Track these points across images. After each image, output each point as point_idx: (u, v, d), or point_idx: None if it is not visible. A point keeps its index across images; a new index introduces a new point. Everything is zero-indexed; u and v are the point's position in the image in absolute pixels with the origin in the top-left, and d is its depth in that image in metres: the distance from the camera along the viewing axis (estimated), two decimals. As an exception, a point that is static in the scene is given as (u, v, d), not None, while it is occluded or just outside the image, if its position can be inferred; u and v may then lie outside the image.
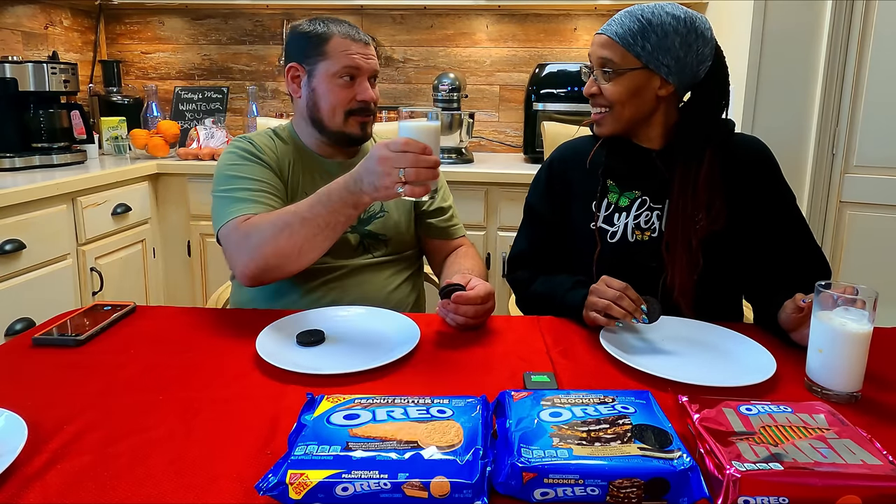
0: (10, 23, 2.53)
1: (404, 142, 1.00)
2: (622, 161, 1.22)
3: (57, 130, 2.34)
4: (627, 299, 1.02)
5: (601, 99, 1.17)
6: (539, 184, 1.33)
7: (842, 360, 0.84)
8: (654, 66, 1.12)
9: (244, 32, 3.03)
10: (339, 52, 1.27)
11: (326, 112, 1.29)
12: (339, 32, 1.28)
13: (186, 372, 0.91)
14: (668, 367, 0.91)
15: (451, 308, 1.07)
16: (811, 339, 0.88)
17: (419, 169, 1.00)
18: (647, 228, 1.19)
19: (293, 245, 1.12)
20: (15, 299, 1.77)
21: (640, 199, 1.20)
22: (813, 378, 0.87)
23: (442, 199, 1.45)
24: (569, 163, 1.29)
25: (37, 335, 1.01)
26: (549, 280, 1.23)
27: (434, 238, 1.44)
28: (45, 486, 0.64)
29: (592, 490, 0.60)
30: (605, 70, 1.15)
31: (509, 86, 2.96)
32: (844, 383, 0.84)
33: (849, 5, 2.00)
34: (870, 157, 2.05)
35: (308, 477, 0.60)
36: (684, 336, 1.05)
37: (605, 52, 1.14)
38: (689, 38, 1.11)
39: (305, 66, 1.30)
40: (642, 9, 1.13)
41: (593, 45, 1.17)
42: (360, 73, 1.28)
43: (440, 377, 0.91)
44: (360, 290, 1.30)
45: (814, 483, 0.59)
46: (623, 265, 1.18)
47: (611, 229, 1.21)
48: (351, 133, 1.32)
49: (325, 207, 1.11)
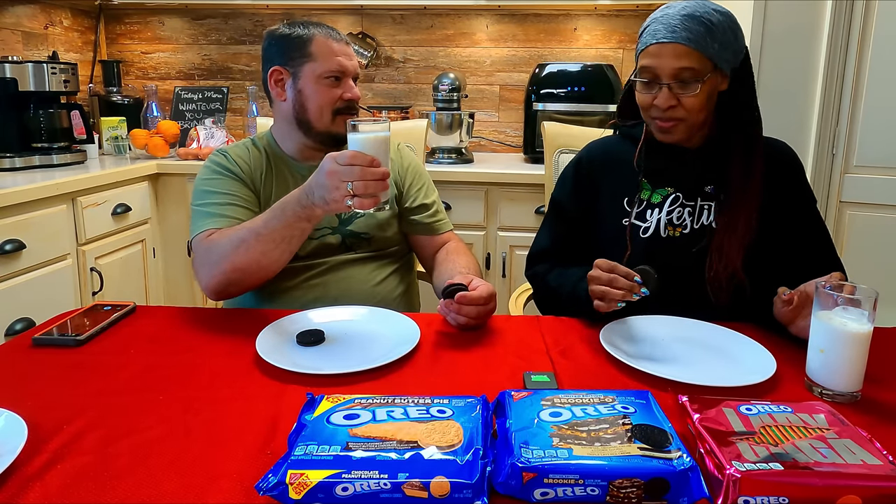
0: (10, 23, 2.53)
1: (351, 154, 1.01)
2: (656, 158, 1.22)
3: (57, 130, 2.34)
4: (620, 279, 1.01)
5: (678, 111, 1.12)
6: (566, 181, 1.32)
7: (842, 360, 0.84)
8: (720, 65, 1.11)
9: (244, 32, 3.03)
10: (323, 53, 1.29)
11: (314, 112, 1.31)
12: (321, 34, 1.31)
13: (186, 372, 0.91)
14: (668, 367, 0.91)
15: (454, 308, 1.07)
16: (811, 340, 0.88)
17: (367, 182, 1.00)
18: (679, 225, 1.19)
19: (250, 260, 1.15)
20: (15, 299, 1.77)
21: (672, 195, 1.20)
22: (813, 378, 0.87)
23: (425, 196, 1.45)
24: (597, 161, 1.29)
25: (37, 335, 1.01)
26: (562, 273, 1.23)
27: (419, 234, 1.44)
28: (45, 486, 0.64)
29: (592, 490, 0.60)
30: (684, 80, 1.09)
31: (509, 86, 2.96)
32: (845, 383, 0.84)
33: (849, 5, 2.00)
34: (870, 157, 2.05)
35: (308, 477, 0.60)
36: (684, 336, 1.05)
37: (682, 62, 1.08)
38: (736, 29, 1.12)
39: (289, 68, 1.31)
40: (693, 8, 1.09)
41: (662, 57, 1.09)
42: (345, 73, 1.31)
43: (440, 377, 0.91)
44: (344, 286, 1.31)
45: (814, 483, 0.59)
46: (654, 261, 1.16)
47: (643, 225, 1.21)
48: (338, 132, 1.33)
49: (280, 221, 1.13)
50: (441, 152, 2.58)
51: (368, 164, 1.00)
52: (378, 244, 1.38)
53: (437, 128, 2.54)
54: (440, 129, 2.54)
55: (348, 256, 1.35)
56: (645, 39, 1.13)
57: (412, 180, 1.44)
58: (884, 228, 2.02)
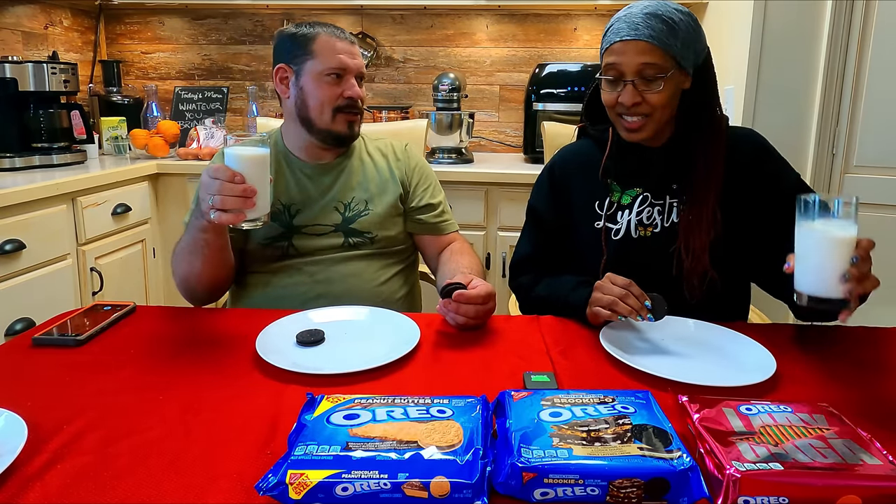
0: (10, 23, 2.53)
1: (215, 168, 1.01)
2: (623, 160, 1.23)
3: (57, 130, 2.34)
4: (633, 296, 1.02)
5: (643, 107, 1.12)
6: (541, 187, 1.33)
7: (832, 264, 0.84)
8: (683, 63, 1.12)
9: (244, 32, 3.03)
10: (325, 51, 1.30)
11: (315, 110, 1.32)
12: (325, 32, 1.32)
13: (186, 372, 0.91)
14: (668, 367, 0.91)
15: (452, 307, 1.07)
16: (797, 251, 0.87)
17: (224, 196, 0.99)
18: (650, 224, 1.20)
19: (184, 272, 1.24)
20: (15, 299, 1.77)
21: (641, 195, 1.21)
22: (802, 290, 0.86)
23: (431, 196, 1.45)
24: (569, 166, 1.30)
25: (37, 335, 1.01)
26: (553, 282, 1.23)
27: (424, 234, 1.44)
28: (45, 486, 0.64)
29: (592, 490, 0.60)
30: (648, 77, 1.10)
31: (509, 86, 2.96)
32: (836, 288, 0.84)
33: (849, 5, 2.00)
34: (870, 157, 2.05)
35: (308, 477, 0.60)
36: (684, 336, 1.05)
37: (646, 57, 1.09)
38: (697, 28, 1.13)
39: (293, 66, 1.33)
40: (655, 8, 1.10)
41: (626, 54, 1.10)
42: (346, 71, 1.31)
43: (440, 377, 0.91)
44: (347, 284, 1.32)
45: (814, 483, 0.59)
46: (628, 262, 1.18)
47: (614, 227, 1.22)
48: (339, 131, 1.34)
49: (190, 234, 1.19)
50: (441, 152, 2.58)
51: (229, 178, 0.99)
52: (382, 243, 1.38)
53: (437, 128, 2.54)
54: (440, 129, 2.54)
55: (352, 254, 1.35)
56: (609, 38, 1.13)
57: (419, 180, 1.45)
58: (884, 228, 2.01)
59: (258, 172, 1.03)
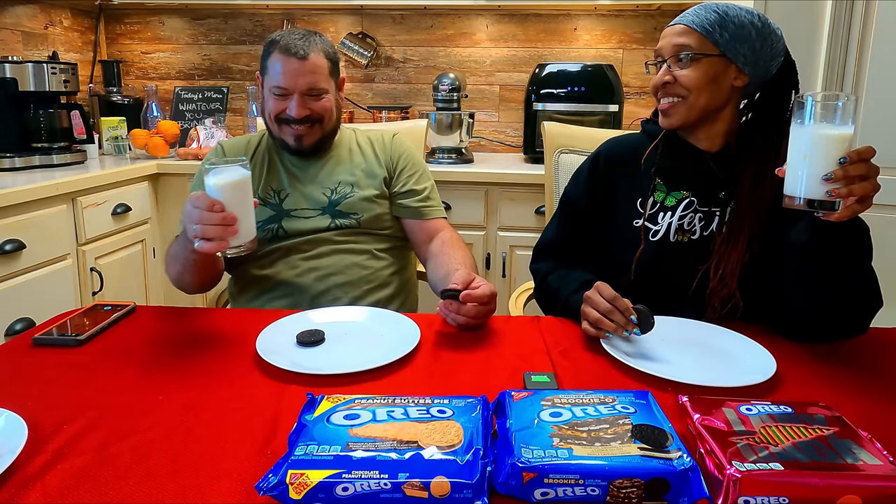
0: (10, 23, 2.53)
1: (195, 196, 1.01)
2: (674, 160, 1.21)
3: (57, 130, 2.34)
4: (618, 312, 0.99)
5: (675, 87, 1.14)
6: (581, 177, 1.30)
7: (827, 163, 0.84)
8: (731, 55, 1.11)
9: (244, 32, 3.03)
10: (273, 69, 1.34)
11: (267, 119, 1.40)
12: (279, 48, 1.33)
13: (186, 372, 0.91)
14: (668, 367, 0.91)
15: (454, 308, 1.07)
16: (791, 152, 0.87)
17: (204, 226, 0.99)
18: (689, 231, 1.18)
19: (176, 276, 1.29)
20: (15, 299, 1.77)
21: (687, 199, 1.19)
22: (795, 193, 0.86)
23: (416, 182, 1.48)
24: (615, 159, 1.27)
25: (37, 335, 1.01)
26: (563, 275, 1.22)
27: (407, 218, 1.47)
28: (45, 486, 0.64)
29: (592, 490, 0.60)
30: (681, 58, 1.12)
31: (509, 86, 2.96)
32: (818, 188, 0.84)
33: (849, 5, 2.00)
34: (870, 156, 2.05)
35: (308, 477, 0.60)
36: (684, 336, 1.05)
37: (681, 38, 1.12)
38: (764, 31, 1.12)
39: (261, 75, 1.41)
40: (719, 4, 1.13)
41: (665, 37, 1.15)
42: (288, 91, 1.34)
43: (440, 377, 0.91)
44: (336, 261, 1.37)
45: (814, 483, 0.59)
46: (660, 265, 1.17)
47: (654, 227, 1.20)
48: (286, 142, 1.39)
49: (180, 246, 1.23)
50: (441, 152, 2.58)
51: (208, 207, 0.99)
52: (368, 224, 1.42)
53: (437, 128, 2.54)
54: (440, 129, 2.54)
55: (339, 234, 1.39)
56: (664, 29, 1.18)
57: (404, 166, 1.48)
58: (884, 228, 2.01)
59: (238, 198, 1.02)
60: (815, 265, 1.02)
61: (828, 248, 0.99)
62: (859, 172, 0.86)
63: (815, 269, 1.02)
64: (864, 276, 1.03)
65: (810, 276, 1.03)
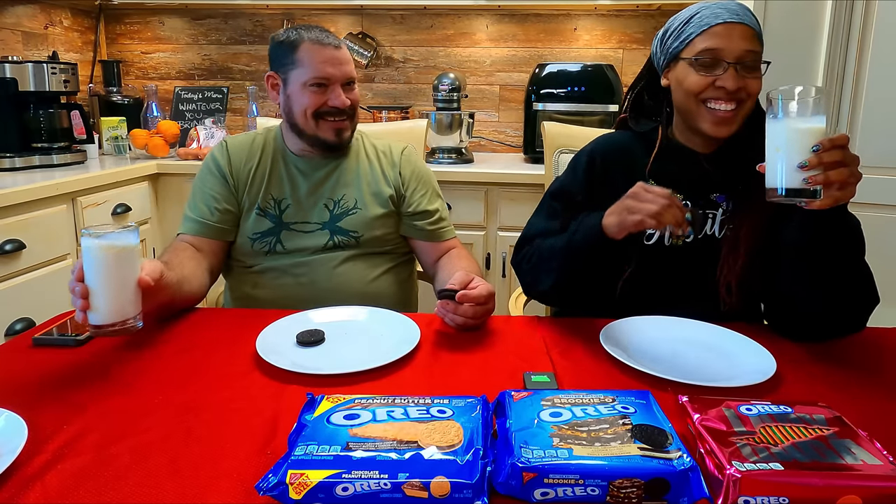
0: (10, 23, 2.53)
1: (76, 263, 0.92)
2: (668, 161, 1.19)
3: (57, 130, 2.34)
4: (676, 209, 0.97)
5: (741, 94, 1.07)
6: (577, 172, 1.25)
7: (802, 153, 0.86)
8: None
9: (244, 32, 3.03)
10: (308, 60, 1.29)
11: (300, 117, 1.32)
12: (309, 38, 1.30)
13: (186, 372, 0.91)
14: (668, 367, 0.91)
15: (451, 308, 1.07)
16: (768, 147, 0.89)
17: (73, 296, 0.91)
18: (683, 234, 1.16)
19: None
20: (15, 299, 1.77)
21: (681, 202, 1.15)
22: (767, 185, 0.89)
23: (428, 202, 1.42)
24: (610, 158, 1.24)
25: (37, 335, 1.01)
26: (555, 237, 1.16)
27: (420, 240, 1.43)
28: (45, 486, 0.64)
29: (592, 490, 0.60)
30: (748, 64, 1.07)
31: (509, 86, 2.96)
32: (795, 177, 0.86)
33: (849, 5, 2.00)
34: (870, 157, 2.05)
35: (308, 477, 0.60)
36: (684, 336, 1.05)
37: (749, 44, 1.07)
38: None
39: (280, 73, 1.34)
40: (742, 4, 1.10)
41: (730, 38, 1.06)
42: (330, 81, 1.30)
43: (440, 377, 0.91)
44: (335, 282, 1.33)
45: (814, 483, 0.59)
46: (655, 270, 1.16)
47: (647, 231, 1.16)
48: (325, 138, 1.34)
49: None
50: (441, 152, 2.58)
51: (78, 277, 0.90)
52: (368, 244, 1.37)
53: (437, 128, 2.54)
54: (440, 129, 2.54)
55: (337, 255, 1.35)
56: (704, 21, 1.09)
57: (416, 186, 1.43)
58: (884, 228, 2.02)
59: (99, 270, 0.89)
60: (808, 262, 1.02)
61: (819, 243, 0.99)
62: (834, 159, 0.86)
63: (808, 266, 1.02)
64: (858, 271, 1.03)
65: (804, 273, 1.03)
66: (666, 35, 1.16)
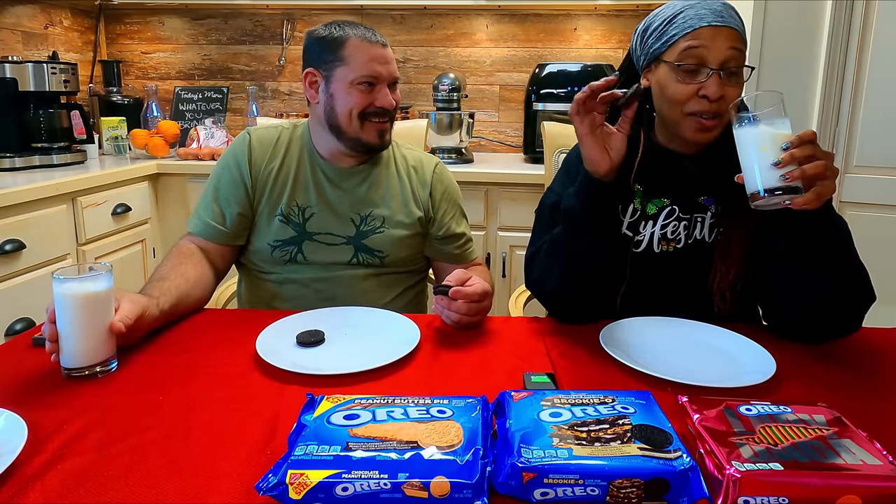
0: (10, 23, 2.53)
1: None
2: (651, 166, 1.13)
3: (57, 130, 2.34)
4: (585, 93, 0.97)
5: (723, 103, 1.02)
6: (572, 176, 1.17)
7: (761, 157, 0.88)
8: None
9: (244, 32, 3.03)
10: (356, 58, 1.23)
11: (343, 117, 1.25)
12: (356, 35, 1.24)
13: (186, 372, 0.91)
14: (668, 367, 0.91)
15: (444, 303, 1.07)
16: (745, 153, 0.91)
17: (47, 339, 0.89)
18: (673, 240, 1.15)
19: None
20: (15, 299, 1.77)
21: (668, 208, 1.14)
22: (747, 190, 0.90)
23: (457, 224, 1.39)
24: None
25: (37, 335, 1.01)
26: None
27: (445, 262, 1.40)
28: (45, 486, 0.64)
29: (592, 490, 0.60)
30: (731, 69, 1.02)
31: (509, 86, 2.97)
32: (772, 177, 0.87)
33: (849, 5, 2.00)
34: (870, 157, 2.05)
35: (308, 477, 0.60)
36: (684, 336, 1.05)
37: (735, 48, 1.01)
38: None
39: (322, 71, 1.26)
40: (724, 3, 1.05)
41: (715, 40, 1.01)
42: (379, 80, 1.25)
43: (440, 377, 0.91)
44: (353, 301, 1.26)
45: (814, 483, 0.59)
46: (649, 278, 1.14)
47: (636, 238, 1.15)
48: (368, 140, 1.28)
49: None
50: (441, 152, 2.58)
51: (50, 318, 0.87)
52: (393, 265, 1.34)
53: (437, 128, 2.54)
54: (440, 129, 2.54)
55: (360, 272, 1.31)
56: (687, 23, 1.03)
57: (445, 208, 1.38)
58: (884, 228, 2.01)
59: (68, 315, 0.87)
60: (799, 263, 1.01)
61: (809, 245, 0.99)
62: (806, 153, 0.87)
63: (800, 267, 1.01)
64: (850, 270, 1.02)
65: (797, 275, 1.02)
66: (647, 33, 1.10)
